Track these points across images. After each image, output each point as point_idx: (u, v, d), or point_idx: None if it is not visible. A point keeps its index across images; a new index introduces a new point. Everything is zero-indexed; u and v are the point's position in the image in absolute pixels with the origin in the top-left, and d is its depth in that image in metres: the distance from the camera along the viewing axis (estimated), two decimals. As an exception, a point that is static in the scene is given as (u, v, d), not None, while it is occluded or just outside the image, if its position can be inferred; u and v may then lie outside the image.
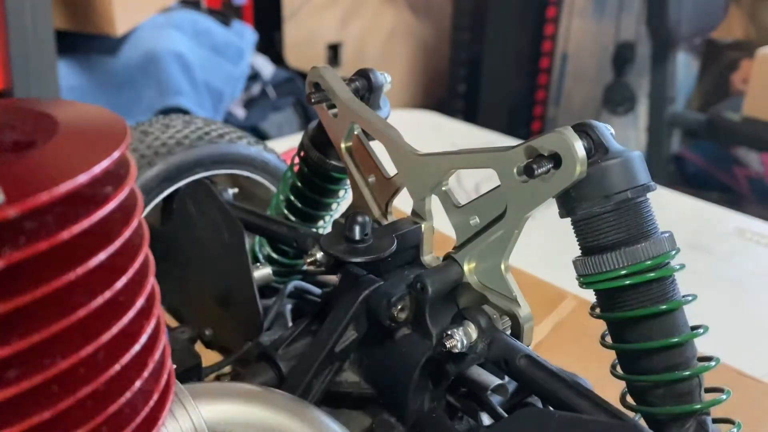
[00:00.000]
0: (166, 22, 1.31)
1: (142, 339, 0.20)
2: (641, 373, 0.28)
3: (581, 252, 0.29)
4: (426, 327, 0.30)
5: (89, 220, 0.17)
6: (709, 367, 0.28)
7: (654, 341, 0.27)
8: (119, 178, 0.19)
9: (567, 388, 0.28)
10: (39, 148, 0.18)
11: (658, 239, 0.27)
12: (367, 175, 0.35)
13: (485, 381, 0.32)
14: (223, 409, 0.27)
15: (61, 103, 0.24)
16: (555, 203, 0.28)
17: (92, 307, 0.18)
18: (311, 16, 1.77)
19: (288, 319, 0.42)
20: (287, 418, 0.27)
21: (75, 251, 0.17)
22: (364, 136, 0.35)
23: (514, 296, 0.30)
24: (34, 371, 0.17)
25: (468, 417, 0.32)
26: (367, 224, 0.31)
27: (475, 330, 0.30)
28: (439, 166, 0.31)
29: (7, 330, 0.16)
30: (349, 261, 0.32)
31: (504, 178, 0.28)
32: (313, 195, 0.42)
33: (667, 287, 0.28)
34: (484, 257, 0.30)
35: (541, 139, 0.27)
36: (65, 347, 0.18)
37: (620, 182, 0.27)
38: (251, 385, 0.29)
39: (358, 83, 0.36)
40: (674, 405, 0.27)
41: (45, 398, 0.18)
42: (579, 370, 0.32)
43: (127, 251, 0.20)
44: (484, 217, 0.30)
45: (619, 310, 0.28)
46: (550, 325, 0.54)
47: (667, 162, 1.60)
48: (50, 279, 0.17)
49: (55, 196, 0.16)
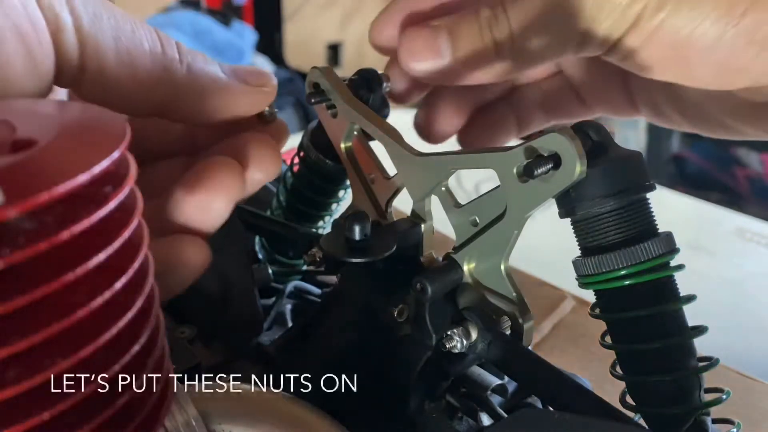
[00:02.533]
0: (166, 22, 1.31)
1: (142, 339, 0.20)
2: (641, 373, 0.28)
3: (581, 252, 0.29)
4: (426, 327, 0.30)
5: (89, 220, 0.17)
6: (709, 367, 0.28)
7: (654, 341, 0.27)
8: (119, 178, 0.19)
9: (567, 388, 0.28)
10: (39, 148, 0.18)
11: (658, 239, 0.27)
12: (367, 175, 0.35)
13: (485, 381, 0.32)
14: (222, 410, 0.27)
15: (61, 103, 0.24)
16: (555, 203, 0.28)
17: (92, 307, 0.18)
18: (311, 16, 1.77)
19: (288, 319, 0.42)
20: (287, 418, 0.27)
21: (75, 251, 0.17)
22: (363, 136, 0.35)
23: (514, 296, 0.30)
24: (34, 371, 0.17)
25: (468, 417, 0.32)
26: (366, 224, 0.31)
27: (475, 330, 0.30)
28: (439, 167, 0.31)
29: (7, 330, 0.16)
30: (349, 261, 0.32)
31: (504, 179, 0.28)
32: (312, 195, 0.42)
33: (667, 287, 0.28)
34: (484, 257, 0.30)
35: (540, 140, 0.27)
36: (65, 347, 0.18)
37: (620, 182, 0.27)
38: (250, 385, 0.29)
39: (358, 83, 0.36)
40: (674, 405, 0.27)
41: (45, 398, 0.18)
42: (579, 370, 0.32)
43: (127, 251, 0.20)
44: (484, 218, 0.30)
45: (619, 310, 0.28)
46: (550, 325, 0.54)
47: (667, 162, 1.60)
48: (50, 279, 0.17)
49: (55, 196, 0.16)
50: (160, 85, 0.30)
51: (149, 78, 0.29)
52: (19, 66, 0.26)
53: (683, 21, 0.28)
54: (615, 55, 0.31)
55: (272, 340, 0.37)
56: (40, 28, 0.26)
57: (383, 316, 0.32)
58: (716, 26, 0.28)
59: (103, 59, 0.28)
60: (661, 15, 0.29)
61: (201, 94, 0.31)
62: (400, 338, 0.31)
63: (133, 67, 0.29)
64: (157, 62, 0.30)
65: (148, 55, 0.30)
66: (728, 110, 0.35)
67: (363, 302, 0.33)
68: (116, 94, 0.29)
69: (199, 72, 0.31)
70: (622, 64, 0.32)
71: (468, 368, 0.32)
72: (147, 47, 0.30)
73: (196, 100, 0.31)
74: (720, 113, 0.36)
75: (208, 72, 0.31)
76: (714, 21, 0.28)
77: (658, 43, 0.29)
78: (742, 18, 0.28)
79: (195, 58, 0.31)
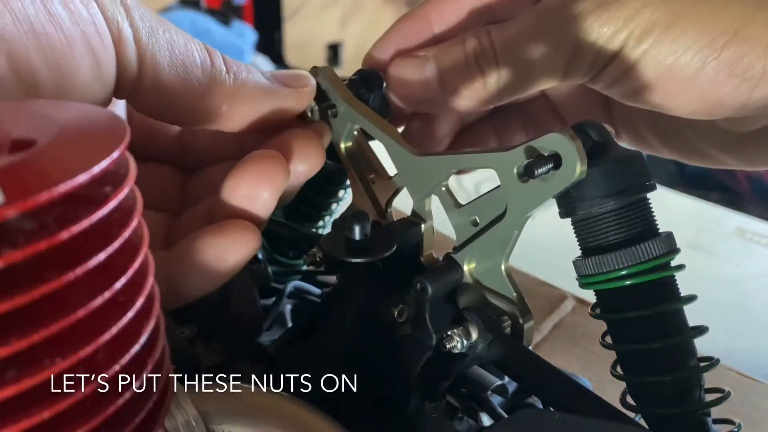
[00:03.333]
0: (166, 22, 1.31)
1: (142, 339, 0.20)
2: (641, 373, 0.28)
3: (581, 252, 0.29)
4: (426, 327, 0.30)
5: (89, 220, 0.17)
6: (709, 368, 0.28)
7: (654, 342, 0.27)
8: (119, 178, 0.19)
9: (567, 388, 0.28)
10: (39, 148, 0.18)
11: (659, 239, 0.27)
12: (367, 175, 0.35)
13: (485, 381, 0.32)
14: (222, 410, 0.27)
15: (61, 103, 0.24)
16: (555, 203, 0.28)
17: (92, 307, 0.18)
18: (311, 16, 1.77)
19: (288, 319, 0.42)
20: (287, 418, 0.27)
21: (75, 251, 0.17)
22: (363, 136, 0.35)
23: (515, 296, 0.30)
24: (34, 371, 0.17)
25: (468, 417, 0.32)
26: (366, 224, 0.31)
27: (476, 330, 0.30)
28: (439, 167, 0.31)
29: (7, 330, 0.16)
30: (349, 261, 0.32)
31: (504, 179, 0.28)
32: (312, 195, 0.42)
33: (668, 288, 0.28)
34: (484, 257, 0.30)
35: (541, 140, 0.27)
36: (65, 347, 0.18)
37: (620, 182, 0.27)
38: (251, 385, 0.29)
39: (358, 83, 0.36)
40: (674, 405, 0.27)
41: (45, 398, 0.18)
42: (579, 370, 0.32)
43: (127, 251, 0.20)
44: (484, 218, 0.30)
45: (619, 310, 0.28)
46: (551, 325, 0.54)
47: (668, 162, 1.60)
48: (50, 279, 0.17)
49: (55, 196, 0.16)
50: (211, 96, 0.31)
51: (201, 89, 0.31)
52: (86, 73, 0.27)
53: (666, 52, 0.29)
54: (599, 83, 0.32)
55: (272, 340, 0.37)
56: (106, 37, 0.28)
57: (383, 316, 0.32)
58: (698, 57, 0.28)
59: (159, 71, 0.29)
60: (644, 46, 0.29)
61: (249, 101, 0.32)
62: (400, 338, 0.31)
63: (186, 79, 0.30)
64: (207, 74, 0.31)
65: (199, 68, 0.31)
66: (709, 140, 0.36)
67: (363, 302, 0.33)
68: (170, 106, 0.31)
69: (245, 81, 0.32)
70: (605, 91, 0.33)
71: (468, 368, 0.32)
72: (198, 60, 0.31)
73: (245, 107, 0.32)
74: (701, 142, 0.36)
75: (253, 80, 0.33)
76: (696, 52, 0.28)
77: (641, 72, 0.30)
78: (723, 50, 0.28)
79: (239, 68, 0.33)
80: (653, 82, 0.30)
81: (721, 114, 0.30)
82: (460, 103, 0.34)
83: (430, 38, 0.36)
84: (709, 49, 0.28)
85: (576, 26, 0.30)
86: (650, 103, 0.31)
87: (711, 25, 0.28)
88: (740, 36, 0.28)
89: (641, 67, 0.30)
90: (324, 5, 1.76)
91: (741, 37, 0.28)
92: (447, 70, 0.34)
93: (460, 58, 0.33)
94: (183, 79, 0.30)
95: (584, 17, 0.30)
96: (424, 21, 0.36)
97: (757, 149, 0.34)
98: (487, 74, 0.33)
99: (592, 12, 0.30)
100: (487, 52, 0.33)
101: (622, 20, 0.29)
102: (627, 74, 0.30)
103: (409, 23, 0.36)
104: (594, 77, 0.32)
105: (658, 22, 0.29)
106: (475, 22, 0.35)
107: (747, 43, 0.28)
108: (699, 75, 0.29)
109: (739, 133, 0.34)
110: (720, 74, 0.28)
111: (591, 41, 0.30)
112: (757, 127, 0.32)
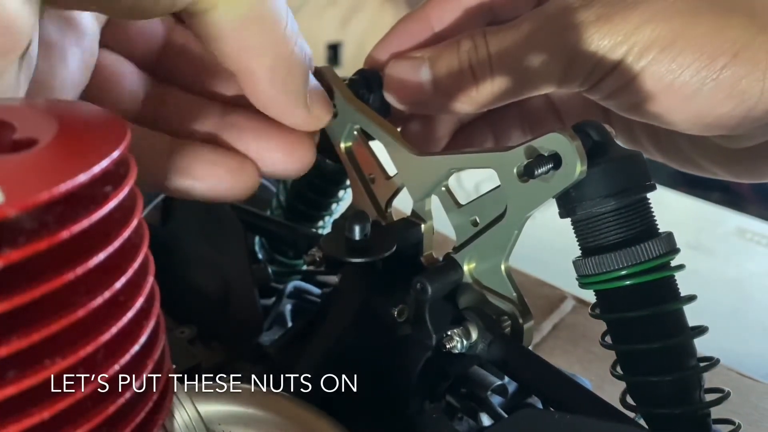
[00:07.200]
0: (166, 22, 1.30)
1: (142, 339, 0.20)
2: (641, 373, 0.28)
3: (581, 252, 0.29)
4: (426, 327, 0.30)
5: (89, 220, 0.17)
6: (709, 368, 0.28)
7: (654, 342, 0.27)
8: (119, 177, 0.19)
9: (567, 388, 0.28)
10: (39, 147, 0.18)
11: (659, 239, 0.27)
12: (367, 175, 0.35)
13: (485, 381, 0.32)
14: (222, 410, 0.27)
15: (61, 103, 0.24)
16: (555, 203, 0.28)
17: (92, 307, 0.18)
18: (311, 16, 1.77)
19: (288, 319, 0.42)
20: (286, 418, 0.27)
21: (75, 251, 0.17)
22: (364, 136, 0.35)
23: (514, 296, 0.30)
24: (34, 371, 0.17)
25: (468, 417, 0.32)
26: (366, 224, 0.31)
27: (476, 330, 0.30)
28: (439, 167, 0.31)
29: (7, 330, 0.16)
30: (349, 261, 0.32)
31: (504, 179, 0.28)
32: (312, 195, 0.42)
33: (668, 288, 0.28)
34: (484, 257, 0.30)
35: (541, 140, 0.27)
36: (65, 347, 0.18)
37: (620, 182, 0.27)
38: (251, 385, 0.29)
39: (358, 83, 0.36)
40: (674, 405, 0.27)
41: (45, 398, 0.17)
42: (579, 370, 0.32)
43: (127, 251, 0.20)
44: (484, 218, 0.30)
45: (619, 310, 0.28)
46: (550, 325, 0.54)
47: (667, 162, 1.60)
48: (50, 279, 0.17)
49: (55, 196, 0.16)
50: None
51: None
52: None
53: (665, 70, 0.29)
54: (596, 94, 0.32)
55: (272, 340, 0.38)
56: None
57: (383, 316, 0.32)
58: (696, 78, 0.29)
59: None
60: (643, 62, 0.29)
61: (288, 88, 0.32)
62: (400, 338, 0.31)
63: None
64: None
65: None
66: (702, 152, 0.36)
67: (363, 302, 0.33)
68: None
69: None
70: (602, 102, 0.33)
71: (468, 368, 0.32)
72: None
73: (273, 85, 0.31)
74: (694, 153, 0.37)
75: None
76: (694, 72, 0.28)
77: (639, 87, 0.30)
78: (723, 71, 0.28)
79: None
80: (651, 97, 0.30)
81: (717, 131, 0.31)
82: (455, 106, 0.34)
83: (431, 39, 0.36)
84: (709, 69, 0.28)
85: (575, 36, 0.30)
86: (647, 117, 0.31)
87: (711, 46, 0.28)
88: (740, 58, 0.28)
89: (640, 82, 0.30)
90: (324, 5, 1.76)
91: (741, 60, 0.28)
92: (441, 73, 0.33)
93: (454, 60, 0.33)
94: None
95: (584, 28, 0.30)
96: (424, 21, 0.36)
97: (749, 165, 0.35)
98: (481, 79, 0.33)
99: (592, 23, 0.30)
100: (482, 56, 0.32)
101: (623, 35, 0.29)
102: (625, 88, 0.30)
103: (409, 24, 0.36)
104: (591, 88, 0.32)
105: (658, 40, 0.29)
106: (475, 23, 0.35)
107: (746, 66, 0.28)
108: (697, 94, 0.29)
109: (732, 149, 0.34)
110: (718, 95, 0.29)
111: (590, 52, 0.30)
112: (750, 145, 0.33)
